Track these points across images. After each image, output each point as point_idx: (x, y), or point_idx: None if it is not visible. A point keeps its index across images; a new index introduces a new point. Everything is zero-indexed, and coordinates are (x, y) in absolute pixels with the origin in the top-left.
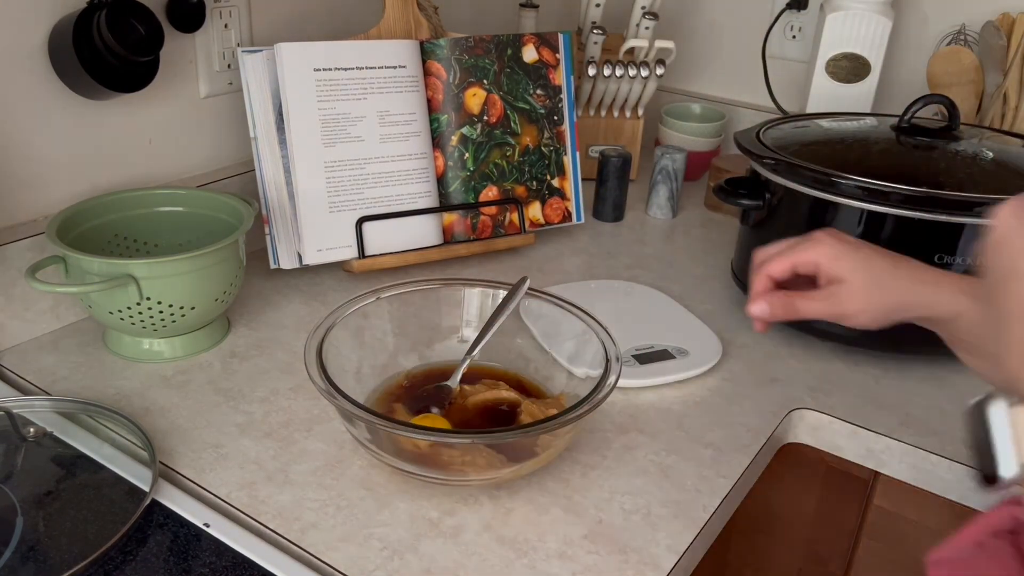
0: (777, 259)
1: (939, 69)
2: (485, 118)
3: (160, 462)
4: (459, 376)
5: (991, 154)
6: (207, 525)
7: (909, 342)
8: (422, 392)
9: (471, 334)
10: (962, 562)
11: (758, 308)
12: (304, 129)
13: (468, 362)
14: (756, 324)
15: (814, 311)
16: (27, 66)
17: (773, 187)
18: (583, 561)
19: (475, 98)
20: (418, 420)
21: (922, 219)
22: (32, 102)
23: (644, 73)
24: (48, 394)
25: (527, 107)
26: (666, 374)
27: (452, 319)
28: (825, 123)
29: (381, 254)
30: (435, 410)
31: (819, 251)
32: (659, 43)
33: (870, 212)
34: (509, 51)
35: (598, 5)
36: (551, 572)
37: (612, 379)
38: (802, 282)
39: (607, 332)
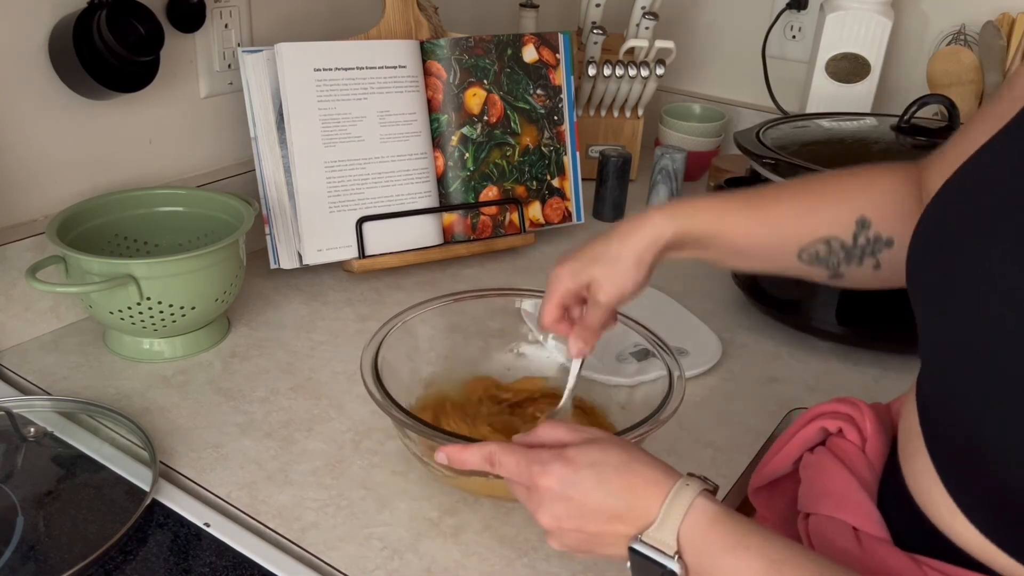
0: (544, 309)
1: (939, 69)
2: (485, 118)
3: (160, 462)
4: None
5: None
6: (207, 525)
7: (909, 342)
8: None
9: (527, 347)
10: (784, 480)
11: (576, 349)
12: (304, 129)
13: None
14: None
15: (596, 319)
16: (27, 66)
17: None
18: (583, 561)
19: (475, 98)
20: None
21: None
22: (32, 102)
23: (644, 73)
24: (48, 394)
25: (527, 107)
26: None
27: (509, 328)
28: (825, 123)
29: (381, 254)
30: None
31: (562, 280)
32: (659, 43)
33: None
34: (509, 51)
35: (598, 5)
36: (551, 572)
37: (677, 373)
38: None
39: (652, 333)
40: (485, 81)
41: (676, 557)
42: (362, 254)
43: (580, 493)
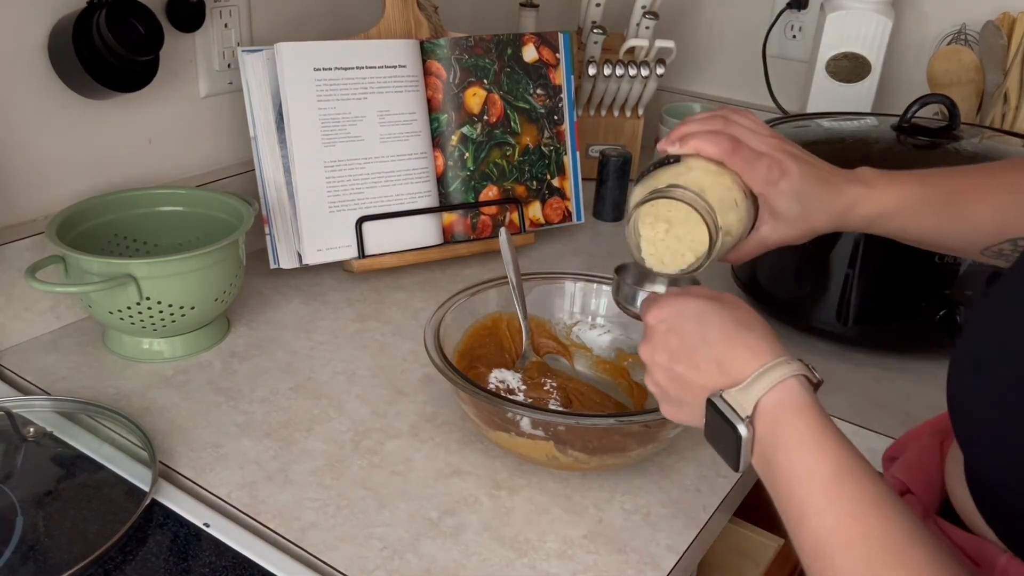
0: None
1: (939, 69)
2: (485, 118)
3: (160, 462)
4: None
5: (992, 154)
6: (207, 525)
7: (910, 342)
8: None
9: (578, 329)
10: (901, 454)
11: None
12: (304, 129)
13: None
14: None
15: (740, 154)
16: (27, 66)
17: None
18: (583, 561)
19: (475, 98)
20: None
21: None
22: (32, 102)
23: (644, 73)
24: (48, 394)
25: (527, 107)
26: None
27: (558, 312)
28: (825, 123)
29: (381, 254)
30: None
31: (758, 128)
32: (659, 43)
33: None
34: (509, 51)
35: (598, 4)
36: (551, 572)
37: None
38: None
39: None
40: (485, 81)
41: (747, 421)
42: (362, 254)
43: (679, 333)
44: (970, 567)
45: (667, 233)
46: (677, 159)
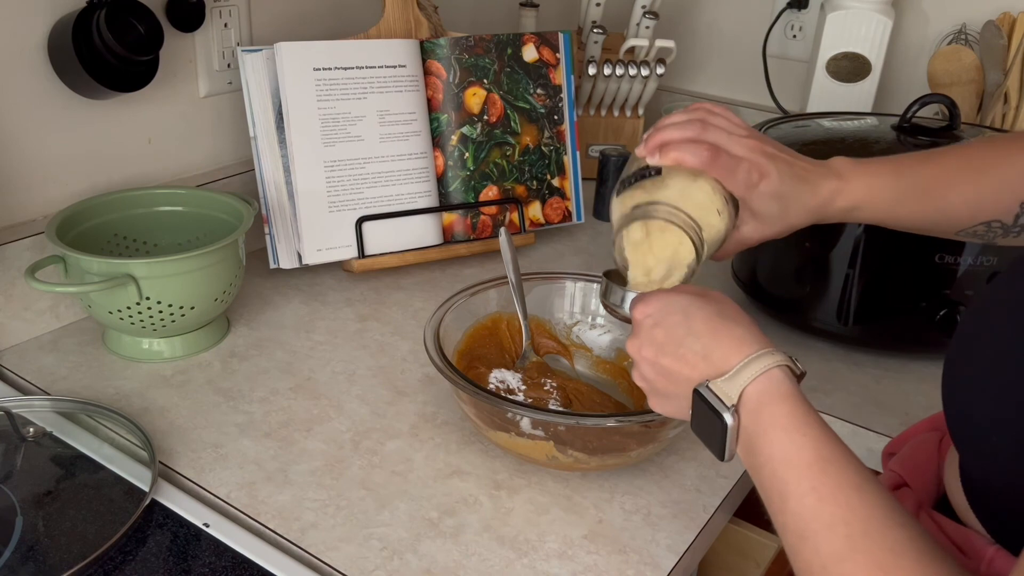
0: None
1: (940, 68)
2: (485, 117)
3: (160, 462)
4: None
5: None
6: (207, 525)
7: (910, 343)
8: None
9: (578, 329)
10: (900, 449)
11: (684, 155)
12: (304, 128)
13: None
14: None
15: (723, 163)
16: (27, 66)
17: None
18: (583, 561)
19: (475, 97)
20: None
21: None
22: (32, 102)
23: (644, 72)
24: (48, 394)
25: (527, 106)
26: None
27: (558, 312)
28: (826, 123)
29: (381, 254)
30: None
31: (736, 126)
32: (659, 42)
33: None
34: (509, 50)
35: (598, 4)
36: (551, 572)
37: None
38: None
39: None
40: (485, 80)
41: (732, 410)
42: (362, 254)
43: (665, 326)
44: (957, 555)
45: (653, 252)
46: (657, 169)
